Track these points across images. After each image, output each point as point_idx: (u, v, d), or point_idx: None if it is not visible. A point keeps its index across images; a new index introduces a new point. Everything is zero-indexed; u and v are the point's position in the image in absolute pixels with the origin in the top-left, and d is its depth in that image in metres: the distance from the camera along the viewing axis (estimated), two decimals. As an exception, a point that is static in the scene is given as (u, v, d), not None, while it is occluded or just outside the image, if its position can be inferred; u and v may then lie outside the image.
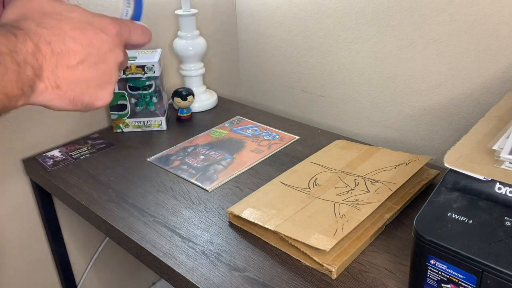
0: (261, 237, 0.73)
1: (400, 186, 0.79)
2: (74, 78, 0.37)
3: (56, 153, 1.02)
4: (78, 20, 0.38)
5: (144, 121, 1.11)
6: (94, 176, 0.92)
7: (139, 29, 0.43)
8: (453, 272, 0.52)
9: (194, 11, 1.15)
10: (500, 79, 0.92)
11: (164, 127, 1.12)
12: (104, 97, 0.41)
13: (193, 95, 1.15)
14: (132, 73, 1.05)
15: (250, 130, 1.10)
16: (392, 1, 1.01)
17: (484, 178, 0.56)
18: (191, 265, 0.68)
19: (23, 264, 1.08)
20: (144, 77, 1.06)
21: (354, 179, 0.82)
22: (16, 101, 0.34)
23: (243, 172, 0.92)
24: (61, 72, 0.36)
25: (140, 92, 1.08)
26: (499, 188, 0.55)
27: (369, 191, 0.77)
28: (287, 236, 0.68)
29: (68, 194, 0.87)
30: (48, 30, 0.36)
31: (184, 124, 1.16)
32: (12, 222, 1.04)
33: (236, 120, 1.16)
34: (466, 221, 0.54)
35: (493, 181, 0.56)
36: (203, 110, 1.23)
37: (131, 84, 1.07)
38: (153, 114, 1.11)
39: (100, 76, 0.40)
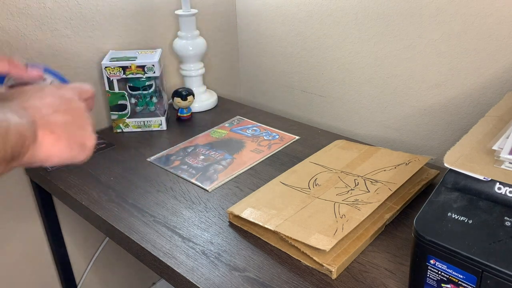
0: (261, 237, 0.73)
1: (400, 186, 0.79)
2: (59, 122, 0.46)
3: (56, 153, 1.02)
4: (41, 87, 0.50)
5: (144, 121, 1.11)
6: (94, 176, 0.92)
7: (80, 86, 0.53)
8: (453, 272, 0.52)
9: (194, 11, 1.15)
10: (500, 79, 0.92)
11: (164, 127, 1.12)
12: (89, 136, 0.50)
13: (193, 95, 1.15)
14: (132, 73, 1.05)
15: (250, 130, 1.10)
16: (392, 1, 1.01)
17: (484, 178, 0.56)
18: (191, 265, 0.68)
19: (23, 264, 1.08)
20: (144, 77, 1.06)
21: (354, 179, 0.82)
22: (28, 144, 0.42)
23: (243, 172, 0.92)
24: (48, 119, 0.46)
25: (140, 92, 1.08)
26: (499, 188, 0.55)
27: (369, 191, 0.77)
28: (287, 236, 0.68)
29: (68, 194, 0.87)
30: (24, 95, 0.47)
31: (184, 124, 1.16)
32: (12, 222, 1.04)
33: (236, 120, 1.16)
34: (466, 221, 0.54)
35: (493, 181, 0.56)
36: (203, 110, 1.23)
37: (131, 84, 1.07)
38: (153, 114, 1.11)
39: (75, 119, 0.49)
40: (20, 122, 0.41)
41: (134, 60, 1.05)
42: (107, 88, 1.05)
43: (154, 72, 1.05)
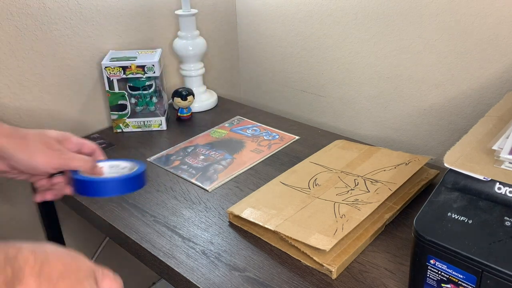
0: (261, 237, 0.73)
1: (400, 186, 0.79)
2: None
3: (56, 153, 1.02)
4: (58, 248, 0.41)
5: (144, 121, 1.11)
6: (94, 176, 0.92)
7: (110, 278, 0.44)
8: (453, 272, 0.52)
9: (194, 11, 1.15)
10: (500, 79, 0.92)
11: (164, 127, 1.12)
12: None
13: (193, 95, 1.15)
14: (132, 73, 1.05)
15: (250, 130, 1.10)
16: (392, 1, 1.01)
17: (484, 178, 0.56)
18: (191, 265, 0.68)
19: (23, 264, 1.08)
20: (144, 77, 1.06)
21: (354, 179, 0.82)
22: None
23: (243, 172, 0.92)
24: (43, 281, 0.36)
25: (140, 92, 1.08)
26: (499, 188, 0.55)
27: (369, 191, 0.77)
28: (287, 236, 0.68)
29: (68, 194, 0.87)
30: (32, 247, 0.38)
31: (184, 124, 1.16)
32: (12, 222, 1.04)
33: (236, 120, 1.16)
34: (466, 221, 0.54)
35: (493, 181, 0.56)
36: (203, 110, 1.23)
37: (131, 84, 1.07)
38: (153, 114, 1.11)
39: None
40: None
41: (134, 60, 1.05)
42: (107, 88, 1.05)
43: (154, 72, 1.05)
